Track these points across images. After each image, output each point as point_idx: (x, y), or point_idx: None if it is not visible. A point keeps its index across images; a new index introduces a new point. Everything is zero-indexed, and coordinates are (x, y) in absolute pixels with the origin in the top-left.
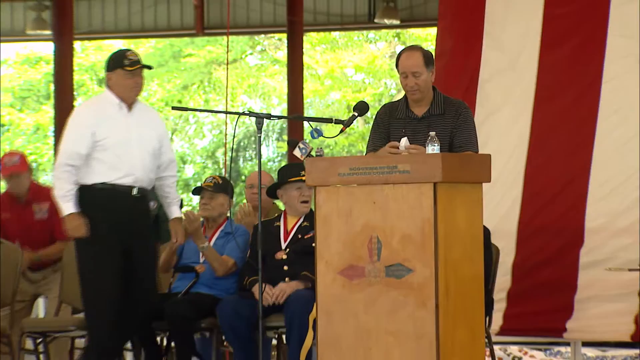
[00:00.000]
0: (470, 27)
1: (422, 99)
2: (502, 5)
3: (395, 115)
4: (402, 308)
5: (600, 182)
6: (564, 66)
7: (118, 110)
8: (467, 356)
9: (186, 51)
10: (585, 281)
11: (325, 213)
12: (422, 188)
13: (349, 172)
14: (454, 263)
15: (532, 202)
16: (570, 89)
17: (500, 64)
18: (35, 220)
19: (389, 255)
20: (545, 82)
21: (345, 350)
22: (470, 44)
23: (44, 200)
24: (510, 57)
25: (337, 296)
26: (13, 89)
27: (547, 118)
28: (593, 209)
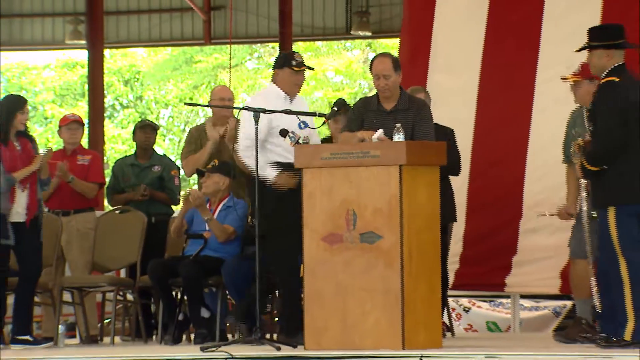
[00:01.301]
0: (420, 41)
1: (390, 96)
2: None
3: (369, 108)
4: (374, 268)
5: (535, 165)
6: (502, 70)
7: (283, 101)
8: (427, 307)
9: (196, 57)
10: (523, 246)
11: (310, 190)
12: (389, 169)
13: (330, 156)
14: (416, 231)
15: (477, 184)
16: (509, 90)
17: (448, 69)
18: (77, 164)
19: (363, 224)
20: (487, 84)
21: (327, 302)
22: (421, 55)
23: (86, 154)
24: (456, 64)
25: (320, 258)
26: (54, 89)
27: (489, 113)
28: (530, 188)
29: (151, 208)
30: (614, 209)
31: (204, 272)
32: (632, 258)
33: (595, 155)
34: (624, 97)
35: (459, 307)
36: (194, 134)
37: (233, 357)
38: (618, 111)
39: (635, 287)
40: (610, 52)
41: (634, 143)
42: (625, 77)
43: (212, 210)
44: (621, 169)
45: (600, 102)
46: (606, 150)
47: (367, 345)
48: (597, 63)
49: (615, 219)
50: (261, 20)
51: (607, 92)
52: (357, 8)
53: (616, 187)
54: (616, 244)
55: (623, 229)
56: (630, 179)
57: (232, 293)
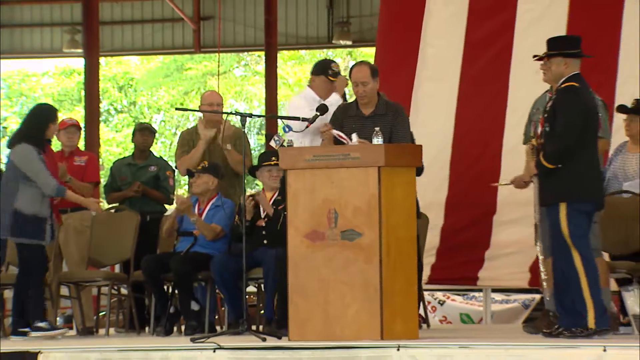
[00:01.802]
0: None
1: (369, 102)
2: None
3: (348, 114)
4: (354, 263)
5: (509, 168)
6: (479, 78)
7: (315, 104)
8: (404, 300)
9: (187, 65)
10: (495, 241)
11: (294, 190)
12: (369, 171)
13: (313, 158)
14: (393, 228)
15: (456, 183)
16: (484, 96)
17: (431, 76)
18: (74, 165)
19: (344, 222)
20: (465, 91)
21: (310, 295)
22: (407, 59)
23: (83, 156)
24: (438, 71)
25: (303, 254)
26: (53, 94)
27: (466, 119)
28: (504, 187)
29: (146, 207)
30: (565, 205)
31: (194, 268)
32: (584, 251)
33: (555, 153)
34: (583, 102)
35: (434, 301)
36: (185, 136)
37: (221, 348)
38: (579, 113)
39: (590, 278)
40: (568, 60)
41: (587, 144)
42: (582, 84)
43: (202, 209)
44: (572, 167)
45: (562, 104)
46: (567, 149)
47: (347, 335)
48: (556, 70)
49: (566, 214)
50: (248, 30)
51: (570, 95)
52: (338, 19)
53: (567, 185)
54: (568, 239)
55: (574, 224)
56: (580, 177)
57: (220, 287)
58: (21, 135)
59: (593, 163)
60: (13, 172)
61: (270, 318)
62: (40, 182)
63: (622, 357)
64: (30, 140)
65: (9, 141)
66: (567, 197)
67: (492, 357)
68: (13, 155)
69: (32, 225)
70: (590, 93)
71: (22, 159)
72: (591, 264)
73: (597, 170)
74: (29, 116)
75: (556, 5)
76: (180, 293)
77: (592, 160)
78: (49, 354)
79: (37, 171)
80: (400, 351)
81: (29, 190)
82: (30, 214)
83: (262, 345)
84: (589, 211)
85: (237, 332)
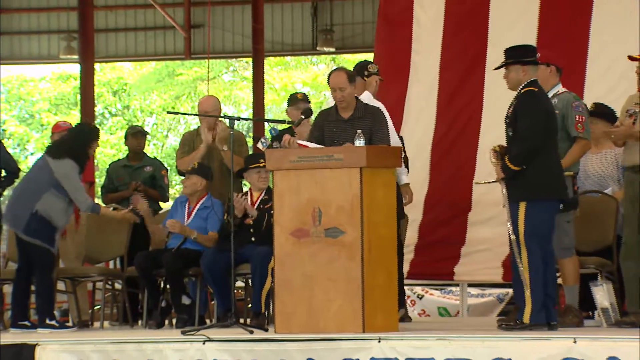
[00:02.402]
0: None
1: (347, 106)
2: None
3: (329, 118)
4: (337, 260)
5: (484, 168)
6: (456, 81)
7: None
8: (385, 295)
9: (178, 71)
10: (470, 238)
11: (280, 190)
12: (351, 171)
13: (298, 159)
14: (374, 226)
15: (435, 182)
16: (461, 98)
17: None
18: None
19: (327, 221)
20: (444, 94)
21: (295, 290)
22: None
23: None
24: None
25: (289, 251)
26: (50, 99)
27: (445, 121)
28: (478, 186)
29: None
30: (525, 204)
31: (185, 264)
32: (533, 249)
33: (520, 155)
34: (543, 105)
35: (413, 295)
36: (187, 137)
37: (210, 340)
38: (540, 116)
39: (533, 275)
40: (526, 68)
41: (548, 146)
42: (540, 89)
43: (191, 208)
44: (533, 168)
45: (523, 107)
46: (530, 151)
47: (331, 328)
48: (514, 77)
49: (524, 213)
50: (236, 37)
51: (530, 99)
52: (322, 26)
53: (528, 185)
54: (521, 236)
55: (530, 222)
56: (540, 177)
57: (210, 282)
58: (66, 150)
59: (552, 164)
60: (48, 177)
61: (258, 311)
62: (78, 199)
63: (591, 349)
64: (75, 157)
65: (52, 151)
66: (527, 197)
67: (469, 348)
68: (56, 166)
69: (46, 230)
70: (547, 97)
71: (65, 174)
72: (537, 263)
73: (557, 171)
74: (74, 133)
75: (527, 14)
76: (171, 288)
77: (551, 161)
78: (46, 346)
79: (76, 188)
80: (381, 343)
81: (55, 199)
82: (48, 219)
83: (250, 337)
84: (551, 210)
85: (225, 325)
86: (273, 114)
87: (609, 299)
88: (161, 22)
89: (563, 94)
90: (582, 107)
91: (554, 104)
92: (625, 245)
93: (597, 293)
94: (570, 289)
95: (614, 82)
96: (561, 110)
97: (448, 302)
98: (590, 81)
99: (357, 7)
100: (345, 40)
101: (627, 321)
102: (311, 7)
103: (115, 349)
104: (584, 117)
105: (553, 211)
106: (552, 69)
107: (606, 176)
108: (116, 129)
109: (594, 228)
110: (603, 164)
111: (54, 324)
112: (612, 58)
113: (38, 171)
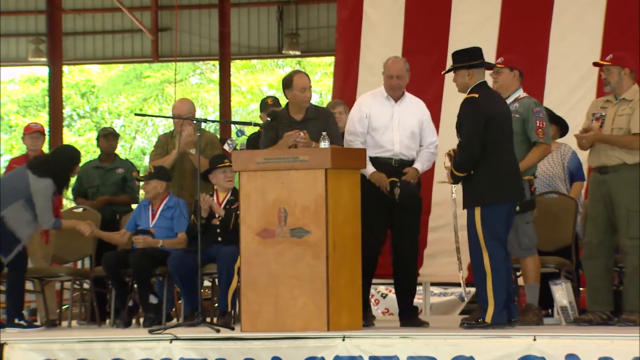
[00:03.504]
0: (349, 56)
1: (303, 108)
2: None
3: (281, 121)
4: (302, 259)
5: (443, 172)
6: (417, 85)
7: (387, 101)
8: (349, 293)
9: (145, 73)
10: (432, 240)
11: (247, 191)
12: (316, 172)
13: (264, 161)
14: (339, 226)
15: None
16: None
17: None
18: None
19: (293, 221)
20: None
21: (261, 289)
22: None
23: None
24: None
25: (255, 251)
26: (18, 101)
27: None
28: (436, 188)
29: (116, 207)
30: (479, 208)
31: (152, 263)
32: (493, 252)
33: (461, 163)
34: (483, 112)
35: (377, 294)
36: (161, 140)
37: (177, 338)
38: (478, 124)
39: (495, 277)
40: (471, 71)
41: (496, 151)
42: (485, 93)
43: (154, 210)
44: (485, 173)
45: (463, 116)
46: (469, 159)
47: (296, 326)
48: (461, 82)
49: (480, 217)
50: (203, 41)
51: (469, 107)
52: (288, 30)
53: (480, 190)
54: (481, 240)
55: (487, 226)
56: (493, 182)
57: (177, 282)
58: (50, 170)
59: (501, 168)
60: (23, 188)
61: (224, 310)
62: (43, 217)
63: (550, 346)
64: (56, 179)
65: (35, 167)
66: (480, 202)
67: (431, 346)
68: (34, 182)
69: (6, 239)
70: (493, 100)
71: (40, 191)
72: (498, 264)
73: (508, 173)
74: (60, 155)
75: (488, 19)
76: (139, 287)
77: (499, 166)
78: (15, 345)
79: (45, 208)
80: (345, 341)
81: (23, 210)
82: (10, 228)
83: (216, 336)
84: (505, 213)
85: (192, 324)
86: (239, 116)
87: (568, 298)
88: (129, 26)
89: (524, 99)
90: (542, 112)
91: (515, 108)
92: (588, 245)
93: (556, 292)
94: (531, 287)
95: (573, 87)
96: (522, 114)
97: None
98: (550, 86)
99: (322, 11)
100: (311, 43)
101: (585, 319)
102: (277, 11)
103: (82, 348)
104: (545, 123)
105: (506, 214)
106: (515, 73)
107: (554, 176)
108: (84, 131)
109: (553, 228)
110: (550, 164)
111: (22, 323)
112: (571, 63)
113: (15, 179)
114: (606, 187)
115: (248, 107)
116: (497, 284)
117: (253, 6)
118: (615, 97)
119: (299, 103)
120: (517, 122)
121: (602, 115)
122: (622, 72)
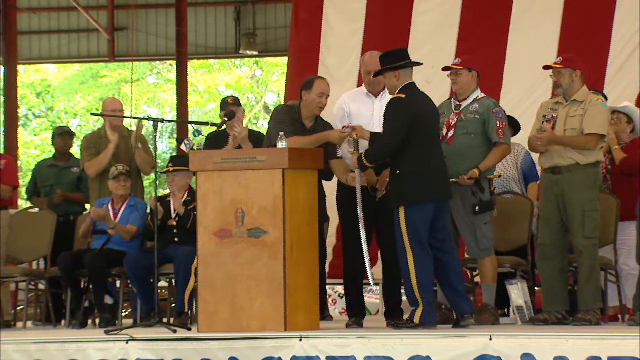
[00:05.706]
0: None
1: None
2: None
3: (293, 117)
4: (259, 259)
5: None
6: None
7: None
8: (306, 293)
9: (102, 73)
10: None
11: (204, 190)
12: (273, 173)
13: (221, 161)
14: (296, 227)
15: None
16: None
17: None
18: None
19: (250, 221)
20: None
21: (218, 289)
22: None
23: (1, 159)
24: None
25: (212, 251)
26: None
27: None
28: None
29: (69, 208)
30: (403, 208)
31: (108, 263)
32: (417, 251)
33: (373, 154)
34: (408, 110)
35: (334, 294)
36: (90, 139)
37: (133, 339)
38: (401, 122)
39: (419, 277)
40: (397, 72)
41: (421, 150)
42: (411, 93)
43: (117, 209)
44: (410, 173)
45: (387, 114)
46: (383, 153)
47: (253, 327)
48: (389, 83)
49: (404, 216)
50: (160, 40)
51: (394, 106)
52: (245, 30)
53: (403, 189)
54: (405, 239)
55: (410, 225)
56: (417, 181)
57: (133, 282)
58: None
59: (425, 167)
60: None
61: (181, 311)
62: None
63: (506, 345)
64: None
65: None
66: (403, 201)
67: (388, 346)
68: None
69: None
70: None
71: None
72: (424, 265)
73: (433, 173)
74: None
75: (447, 20)
76: (94, 288)
77: (423, 165)
78: None
79: None
80: (302, 341)
81: None
82: None
83: (173, 336)
84: (428, 212)
85: (149, 324)
86: (196, 116)
87: (524, 297)
88: (85, 25)
89: (482, 99)
90: (501, 113)
91: (475, 109)
92: (541, 246)
93: (512, 291)
94: (488, 287)
95: (529, 89)
96: (482, 115)
97: (368, 301)
98: (507, 87)
99: (280, 11)
100: (268, 43)
101: (540, 318)
102: (234, 11)
103: (37, 349)
104: (504, 123)
105: (429, 213)
106: (473, 74)
107: (508, 178)
108: (40, 130)
109: (510, 228)
110: (505, 166)
111: None
112: (528, 65)
113: None
114: (559, 187)
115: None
116: (422, 284)
117: (210, 6)
118: (566, 98)
119: (313, 107)
120: (476, 122)
121: (553, 117)
122: (574, 74)
